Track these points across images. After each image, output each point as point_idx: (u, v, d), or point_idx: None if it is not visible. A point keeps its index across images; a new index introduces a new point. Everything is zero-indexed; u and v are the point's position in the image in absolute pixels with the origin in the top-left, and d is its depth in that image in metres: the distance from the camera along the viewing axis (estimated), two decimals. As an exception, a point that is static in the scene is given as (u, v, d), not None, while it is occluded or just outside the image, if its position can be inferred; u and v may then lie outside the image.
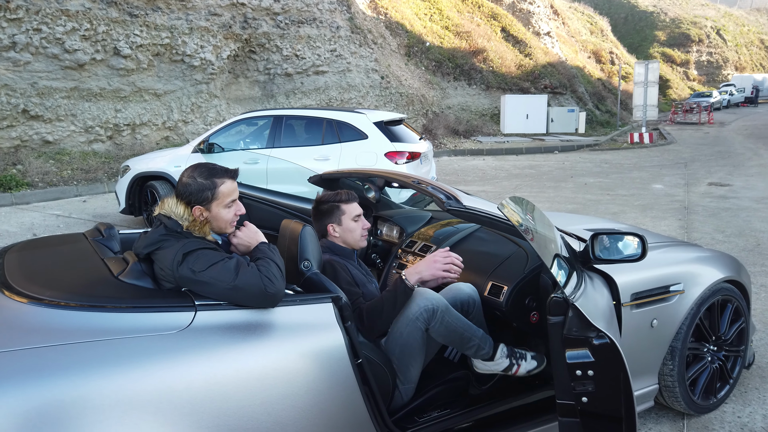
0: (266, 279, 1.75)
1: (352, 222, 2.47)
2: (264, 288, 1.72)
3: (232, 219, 2.02)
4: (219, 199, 1.95)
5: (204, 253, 1.79)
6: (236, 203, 2.03)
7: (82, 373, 1.42)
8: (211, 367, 1.57)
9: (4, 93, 9.97)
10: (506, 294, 2.43)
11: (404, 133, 7.26)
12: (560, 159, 15.00)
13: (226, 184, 1.97)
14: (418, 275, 2.27)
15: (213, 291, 1.72)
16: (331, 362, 1.77)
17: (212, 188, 1.94)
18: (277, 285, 1.75)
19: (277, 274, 1.79)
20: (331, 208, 2.48)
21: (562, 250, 2.17)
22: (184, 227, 1.89)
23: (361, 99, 16.22)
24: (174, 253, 1.78)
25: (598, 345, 1.58)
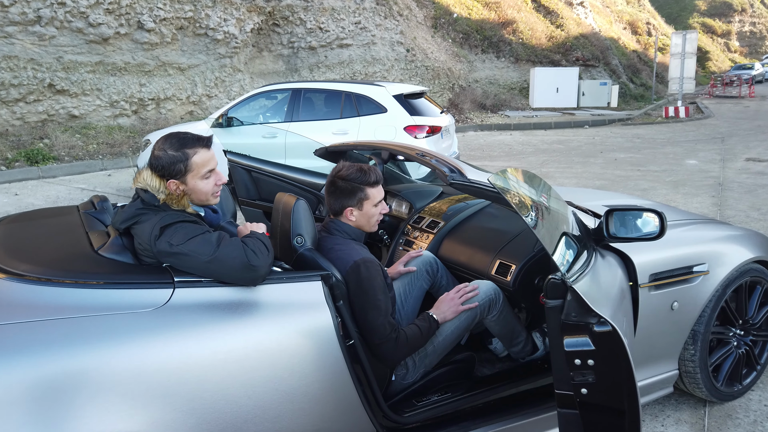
0: (250, 251, 1.65)
1: (372, 208, 2.19)
2: (247, 260, 1.62)
3: (213, 190, 1.89)
4: (193, 171, 1.82)
5: (183, 226, 1.71)
6: (215, 173, 1.89)
7: (47, 352, 1.36)
8: (186, 348, 1.49)
9: (30, 67, 10.06)
10: (514, 273, 2.30)
11: (425, 107, 7.08)
12: (590, 134, 14.56)
13: (199, 154, 1.82)
14: (442, 315, 2.22)
15: (192, 264, 1.63)
16: (318, 343, 1.68)
17: (184, 160, 1.80)
18: (262, 259, 1.66)
19: (263, 249, 1.70)
20: (354, 189, 2.15)
21: (573, 227, 2.02)
22: (161, 200, 1.79)
23: (386, 73, 15.96)
24: (151, 227, 1.69)
25: (599, 332, 1.44)
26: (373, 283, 2.02)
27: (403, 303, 2.47)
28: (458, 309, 2.21)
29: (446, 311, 2.22)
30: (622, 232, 2.13)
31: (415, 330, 2.11)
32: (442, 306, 2.23)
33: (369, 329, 2.00)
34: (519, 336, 2.43)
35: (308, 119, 7.03)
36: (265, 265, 1.67)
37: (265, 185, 3.79)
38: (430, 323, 2.17)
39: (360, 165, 2.21)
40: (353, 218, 2.20)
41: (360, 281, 2.01)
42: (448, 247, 2.69)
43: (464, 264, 2.56)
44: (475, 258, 2.51)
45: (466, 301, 2.24)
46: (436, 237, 2.74)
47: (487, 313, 2.30)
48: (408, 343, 2.06)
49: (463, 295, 2.24)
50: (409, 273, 2.54)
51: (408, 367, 2.20)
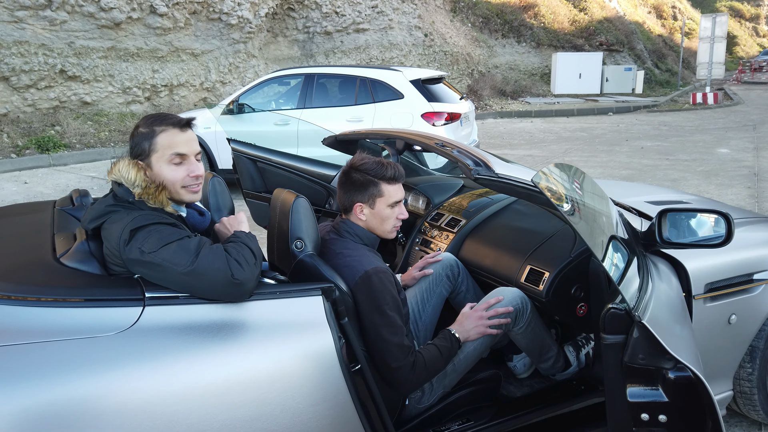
0: (234, 263, 1.38)
1: (387, 209, 1.88)
2: (230, 273, 1.35)
3: (185, 181, 1.59)
4: (158, 152, 1.56)
5: (158, 229, 1.43)
6: (188, 160, 1.60)
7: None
8: (155, 381, 1.23)
9: (41, 53, 9.89)
10: (547, 281, 2.00)
11: (443, 93, 6.74)
12: (615, 121, 14.07)
13: (166, 133, 1.57)
14: (465, 334, 1.93)
15: (166, 277, 1.36)
16: (317, 371, 1.40)
17: (150, 137, 1.56)
18: (248, 271, 1.38)
19: (250, 258, 1.42)
20: (367, 182, 1.86)
21: (619, 229, 1.71)
22: (136, 195, 1.51)
23: (403, 58, 15.56)
24: (121, 229, 1.42)
25: (675, 380, 1.15)
26: (386, 298, 1.73)
27: (420, 312, 2.18)
28: (485, 330, 1.92)
29: (470, 330, 1.92)
30: (678, 236, 1.82)
31: (434, 352, 1.82)
32: (467, 323, 1.94)
33: (381, 351, 1.71)
34: (549, 351, 2.14)
35: (321, 106, 6.73)
36: (251, 277, 1.39)
37: (271, 176, 3.51)
38: (451, 343, 1.88)
39: (381, 159, 1.92)
40: (363, 217, 1.90)
41: (372, 294, 1.72)
42: (470, 248, 2.40)
43: (489, 269, 2.26)
44: (502, 262, 2.21)
45: (495, 319, 1.95)
46: (457, 236, 2.44)
47: (513, 324, 2.01)
48: (426, 367, 1.77)
49: (494, 312, 1.95)
50: (426, 277, 2.26)
51: (424, 390, 1.92)
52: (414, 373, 1.74)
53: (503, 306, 1.98)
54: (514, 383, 2.26)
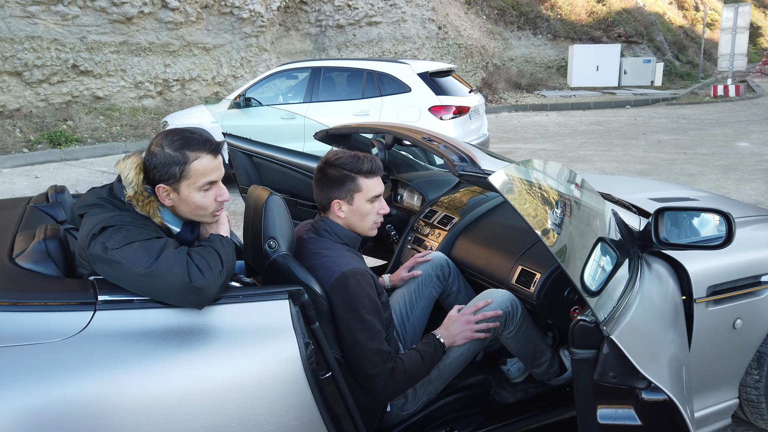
0: (194, 268, 1.30)
1: (366, 204, 1.78)
2: (188, 279, 1.27)
3: (213, 206, 1.52)
4: (190, 179, 1.46)
5: (129, 229, 1.36)
6: (217, 186, 1.51)
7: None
8: (97, 391, 1.15)
9: (54, 48, 9.94)
10: (539, 283, 1.89)
11: (452, 86, 6.61)
12: (632, 114, 13.79)
13: (201, 160, 1.46)
14: (451, 339, 1.83)
15: (124, 277, 1.29)
16: (279, 381, 1.32)
17: (182, 163, 1.45)
18: (208, 278, 1.30)
19: (215, 265, 1.34)
20: (343, 177, 1.76)
21: (611, 230, 1.60)
22: (127, 197, 1.44)
23: (416, 51, 15.40)
24: (94, 223, 1.36)
25: (649, 402, 1.04)
26: (364, 301, 1.64)
27: (408, 314, 2.09)
28: (472, 335, 1.82)
29: (457, 335, 1.83)
30: (676, 237, 1.70)
31: (415, 358, 1.73)
32: (453, 327, 1.84)
33: (357, 357, 1.63)
34: (542, 355, 2.03)
35: (328, 99, 6.65)
36: (212, 285, 1.31)
37: (267, 172, 3.43)
38: (435, 349, 1.79)
39: (356, 152, 1.81)
40: (342, 215, 1.80)
41: (348, 297, 1.64)
42: (462, 247, 2.30)
43: (480, 269, 2.17)
44: (493, 262, 2.11)
45: (483, 323, 1.85)
46: (449, 235, 2.34)
47: (503, 328, 1.91)
48: (407, 374, 1.68)
49: (482, 316, 1.85)
50: (414, 279, 2.16)
51: (407, 396, 1.83)
52: (392, 380, 1.65)
53: (492, 309, 1.88)
54: (508, 388, 2.17)
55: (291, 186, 3.38)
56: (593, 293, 1.27)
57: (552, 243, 1.19)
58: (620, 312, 1.23)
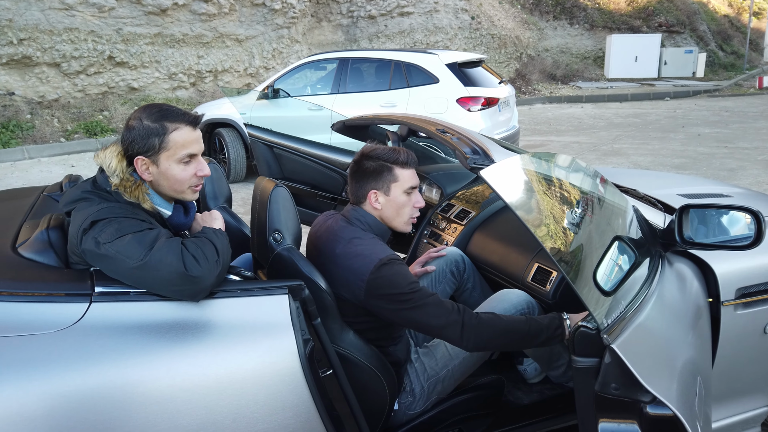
0: (190, 257, 1.27)
1: (403, 195, 1.77)
2: (183, 268, 1.25)
3: (192, 181, 1.51)
4: (169, 150, 1.46)
5: (119, 221, 1.34)
6: (197, 160, 1.51)
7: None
8: (87, 384, 1.14)
9: (90, 39, 10.15)
10: (555, 282, 1.82)
11: (481, 76, 6.49)
12: (671, 106, 13.35)
13: (180, 131, 1.47)
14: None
15: (119, 270, 1.28)
16: (275, 379, 1.29)
17: (161, 134, 1.45)
18: (204, 267, 1.28)
19: (210, 255, 1.31)
20: (380, 167, 1.75)
21: (631, 228, 1.51)
22: (113, 186, 1.43)
23: (449, 42, 15.21)
24: (84, 218, 1.35)
25: (654, 417, 0.96)
26: (408, 278, 1.61)
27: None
28: None
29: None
30: (702, 236, 1.60)
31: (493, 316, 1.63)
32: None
33: (421, 319, 1.58)
34: (559, 358, 1.96)
35: (355, 91, 6.61)
36: (208, 275, 1.28)
37: (287, 163, 3.42)
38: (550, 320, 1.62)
39: (394, 146, 1.81)
40: (378, 206, 1.77)
41: (390, 281, 1.60)
42: (478, 242, 2.23)
43: (495, 265, 2.10)
44: (509, 259, 2.04)
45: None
46: (465, 229, 2.28)
47: None
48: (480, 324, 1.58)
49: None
50: (428, 274, 2.11)
51: (415, 394, 1.78)
52: (466, 329, 1.55)
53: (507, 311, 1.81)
54: (523, 389, 2.10)
55: (311, 177, 3.36)
56: (607, 293, 1.20)
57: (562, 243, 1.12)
58: (629, 316, 1.15)
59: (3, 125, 8.81)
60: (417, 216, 1.82)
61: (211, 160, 2.36)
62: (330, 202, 3.28)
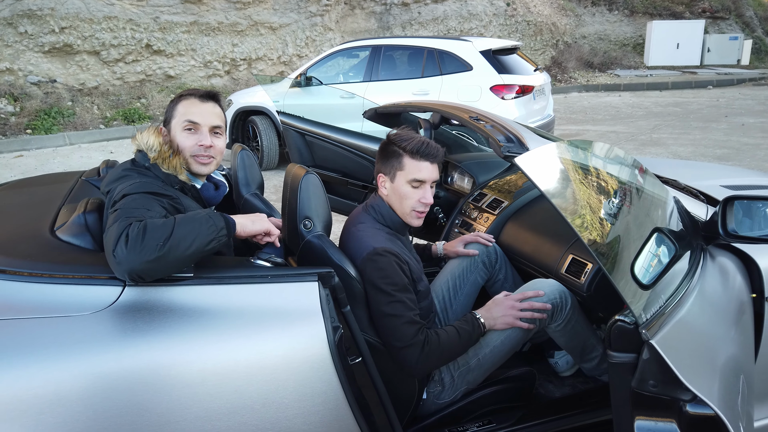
0: (123, 237, 1.18)
1: (406, 186, 1.71)
2: (113, 245, 1.18)
3: (193, 149, 1.62)
4: (176, 118, 1.64)
5: (145, 196, 1.37)
6: (200, 131, 1.63)
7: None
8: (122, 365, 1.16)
9: (129, 28, 10.34)
10: (590, 274, 1.77)
11: (516, 64, 6.37)
12: (714, 95, 12.90)
13: (186, 101, 1.65)
14: (491, 321, 1.74)
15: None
16: (305, 365, 1.29)
17: (173, 104, 1.67)
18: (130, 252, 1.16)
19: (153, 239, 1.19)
20: (391, 152, 1.73)
21: (671, 219, 1.46)
22: (151, 159, 1.55)
23: (483, 29, 14.99)
24: (117, 192, 1.40)
25: (694, 416, 0.92)
26: (393, 278, 1.60)
27: (452, 301, 2.02)
28: (514, 321, 1.72)
29: (497, 317, 1.73)
30: (747, 229, 1.54)
31: (450, 333, 1.66)
32: (495, 309, 1.75)
33: (387, 329, 1.59)
34: (593, 350, 1.92)
35: (387, 78, 6.56)
36: (128, 260, 1.16)
37: (319, 150, 3.42)
38: (473, 327, 1.70)
39: (418, 135, 1.77)
40: (384, 191, 1.77)
41: (376, 272, 1.60)
42: (510, 232, 2.19)
43: (528, 256, 2.06)
44: (543, 250, 1.99)
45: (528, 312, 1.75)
46: (498, 219, 2.24)
47: (550, 320, 1.80)
48: (440, 348, 1.62)
49: (529, 305, 1.75)
50: (460, 262, 2.08)
51: (444, 384, 1.76)
52: (423, 353, 1.59)
53: (541, 301, 1.78)
54: (555, 381, 2.07)
55: (342, 165, 3.35)
56: (645, 286, 1.16)
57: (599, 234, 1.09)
58: (669, 311, 1.11)
59: (45, 112, 9.07)
60: (423, 211, 1.77)
61: (243, 146, 2.38)
62: (361, 190, 3.27)
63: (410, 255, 1.78)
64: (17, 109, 9.01)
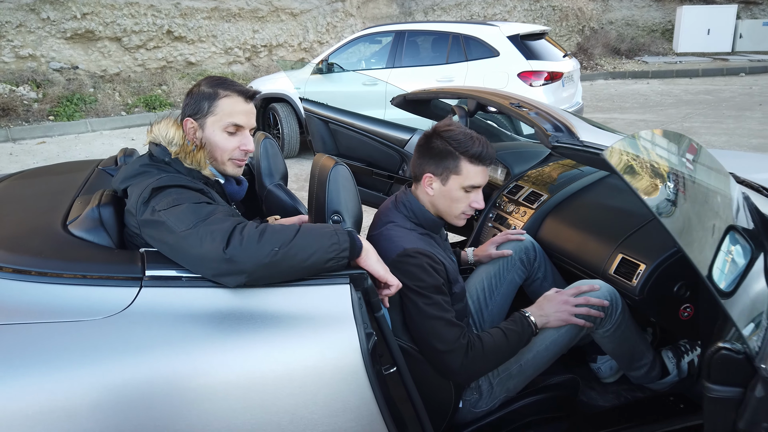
0: (237, 237, 1.13)
1: (460, 191, 1.59)
2: (224, 246, 1.10)
3: (234, 153, 1.48)
4: (216, 116, 1.46)
5: (179, 191, 1.27)
6: (243, 134, 1.49)
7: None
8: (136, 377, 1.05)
9: (150, 14, 10.28)
10: (643, 276, 1.62)
11: (545, 49, 6.16)
12: (747, 83, 12.47)
13: (230, 98, 1.47)
14: (544, 319, 1.60)
15: (163, 239, 1.19)
16: (336, 377, 1.17)
17: (212, 98, 1.46)
18: (245, 252, 1.11)
19: (270, 241, 1.14)
20: (445, 152, 1.57)
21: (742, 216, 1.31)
22: (173, 154, 1.41)
23: (507, 14, 14.67)
24: (143, 188, 1.28)
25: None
26: (427, 281, 1.47)
27: (487, 301, 1.89)
28: (569, 318, 1.59)
29: (550, 314, 1.59)
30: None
31: (497, 336, 1.52)
32: (547, 306, 1.61)
33: (425, 334, 1.47)
34: (642, 357, 1.78)
35: (411, 65, 6.40)
36: (246, 259, 1.11)
37: (343, 139, 3.29)
38: (522, 327, 1.56)
39: (472, 132, 1.62)
40: (430, 191, 1.62)
41: (411, 274, 1.47)
42: (551, 228, 2.05)
43: (572, 255, 1.91)
44: (588, 248, 1.85)
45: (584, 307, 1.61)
46: (537, 214, 2.10)
47: (598, 326, 1.66)
48: (485, 353, 1.49)
49: (584, 300, 1.61)
50: (497, 260, 1.95)
51: (481, 391, 1.64)
52: (468, 358, 1.46)
53: (597, 297, 1.64)
54: (597, 388, 1.93)
55: (367, 154, 3.23)
56: (725, 294, 1.02)
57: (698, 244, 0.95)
58: None
59: (67, 98, 9.07)
60: (470, 214, 1.66)
61: (267, 135, 2.26)
62: (386, 180, 3.15)
63: (446, 255, 1.65)
64: (40, 95, 9.02)
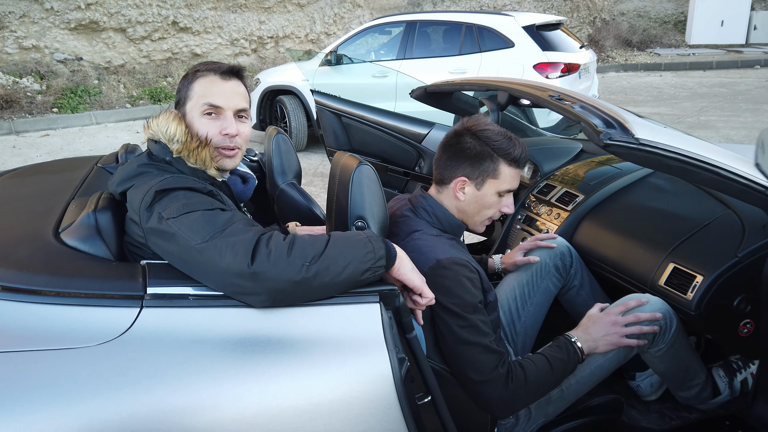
0: (264, 251, 0.99)
1: (494, 195, 1.47)
2: (249, 261, 0.97)
3: (216, 139, 1.32)
4: (192, 99, 1.33)
5: (187, 194, 1.12)
6: (223, 115, 1.33)
7: None
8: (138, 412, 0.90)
9: (155, 4, 10.12)
10: (700, 289, 1.46)
11: (561, 40, 5.97)
12: (762, 75, 12.22)
13: (204, 78, 1.33)
14: (592, 344, 1.44)
15: (175, 251, 1.04)
16: (365, 408, 1.02)
17: (189, 81, 1.35)
18: (273, 264, 0.98)
19: (301, 254, 1.00)
20: (483, 154, 1.43)
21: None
22: (174, 152, 1.26)
23: (517, 5, 14.42)
24: (146, 191, 1.13)
25: None
26: (464, 297, 1.31)
27: (519, 312, 1.73)
28: (620, 341, 1.43)
29: (598, 339, 1.44)
30: None
31: (541, 364, 1.37)
32: (594, 329, 1.45)
33: (460, 360, 1.31)
34: (695, 377, 1.62)
35: (422, 56, 6.21)
36: (275, 275, 0.98)
37: (356, 133, 3.13)
38: (569, 355, 1.41)
39: (509, 133, 1.48)
40: (462, 196, 1.47)
41: (446, 289, 1.31)
42: (588, 232, 1.89)
43: (612, 262, 1.75)
44: (632, 255, 1.68)
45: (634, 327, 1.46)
46: (572, 216, 1.94)
47: (650, 344, 1.50)
48: (528, 384, 1.34)
49: (635, 317, 1.46)
50: (529, 266, 1.79)
51: (518, 416, 1.49)
52: (507, 390, 1.31)
53: (647, 312, 1.48)
54: (638, 407, 1.78)
55: (381, 150, 3.07)
56: None
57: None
58: None
59: (72, 90, 8.93)
60: (497, 218, 1.54)
61: (278, 129, 2.11)
62: (402, 177, 2.99)
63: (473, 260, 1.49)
64: (43, 87, 8.89)
